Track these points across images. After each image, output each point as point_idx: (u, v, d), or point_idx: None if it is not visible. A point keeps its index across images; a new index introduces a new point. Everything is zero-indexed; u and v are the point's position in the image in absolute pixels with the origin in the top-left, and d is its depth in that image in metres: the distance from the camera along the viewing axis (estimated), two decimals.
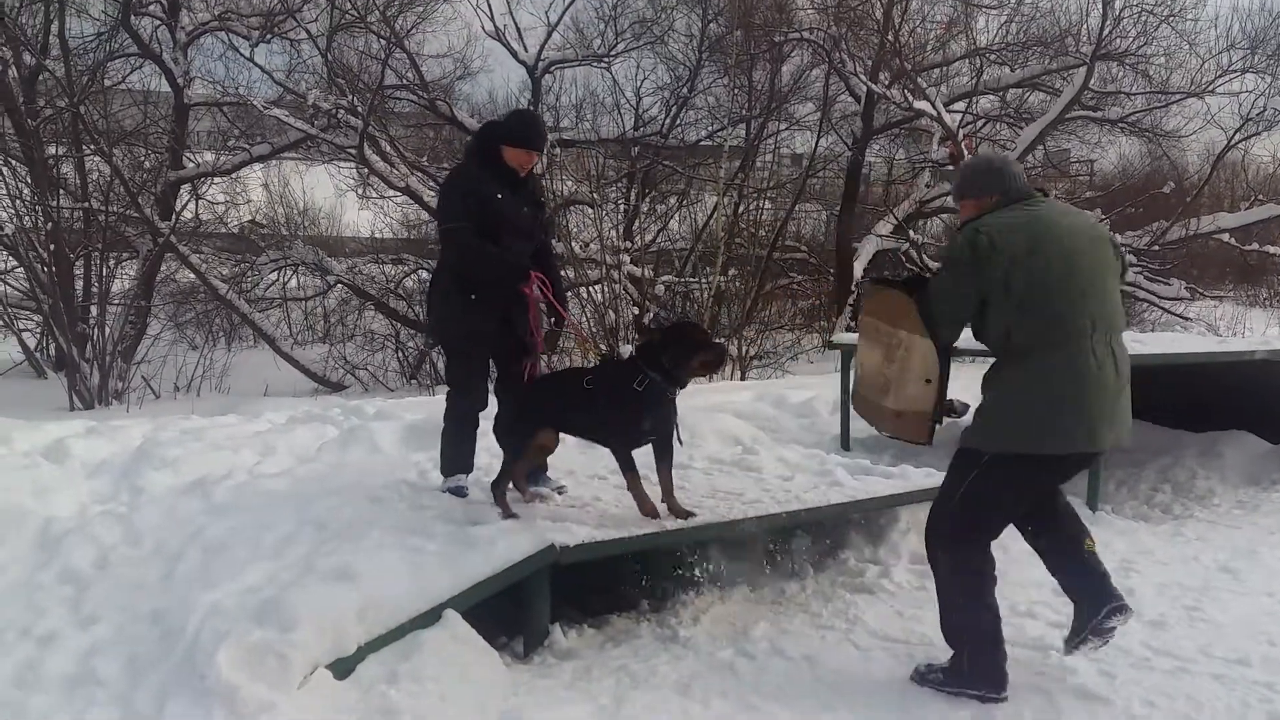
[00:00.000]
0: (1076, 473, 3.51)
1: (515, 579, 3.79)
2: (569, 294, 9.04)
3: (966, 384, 3.73)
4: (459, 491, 4.56)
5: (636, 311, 14.08)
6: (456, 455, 4.66)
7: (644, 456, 4.26)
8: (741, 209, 16.25)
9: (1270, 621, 4.22)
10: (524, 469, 4.47)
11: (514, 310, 4.46)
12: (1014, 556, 4.94)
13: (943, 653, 3.71)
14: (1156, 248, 15.75)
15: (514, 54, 17.11)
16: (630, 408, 4.08)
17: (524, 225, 4.51)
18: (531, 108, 16.73)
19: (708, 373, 4.31)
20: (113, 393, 12.46)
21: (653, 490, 4.23)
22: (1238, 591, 4.62)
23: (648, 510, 4.13)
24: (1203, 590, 4.62)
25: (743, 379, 13.49)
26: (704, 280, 14.30)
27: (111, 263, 14.04)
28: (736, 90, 17.16)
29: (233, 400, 11.46)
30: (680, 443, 4.33)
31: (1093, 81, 15.11)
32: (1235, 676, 3.64)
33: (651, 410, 4.10)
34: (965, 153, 15.25)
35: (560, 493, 4.63)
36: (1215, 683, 3.59)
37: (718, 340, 4.28)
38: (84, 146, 13.77)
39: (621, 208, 16.82)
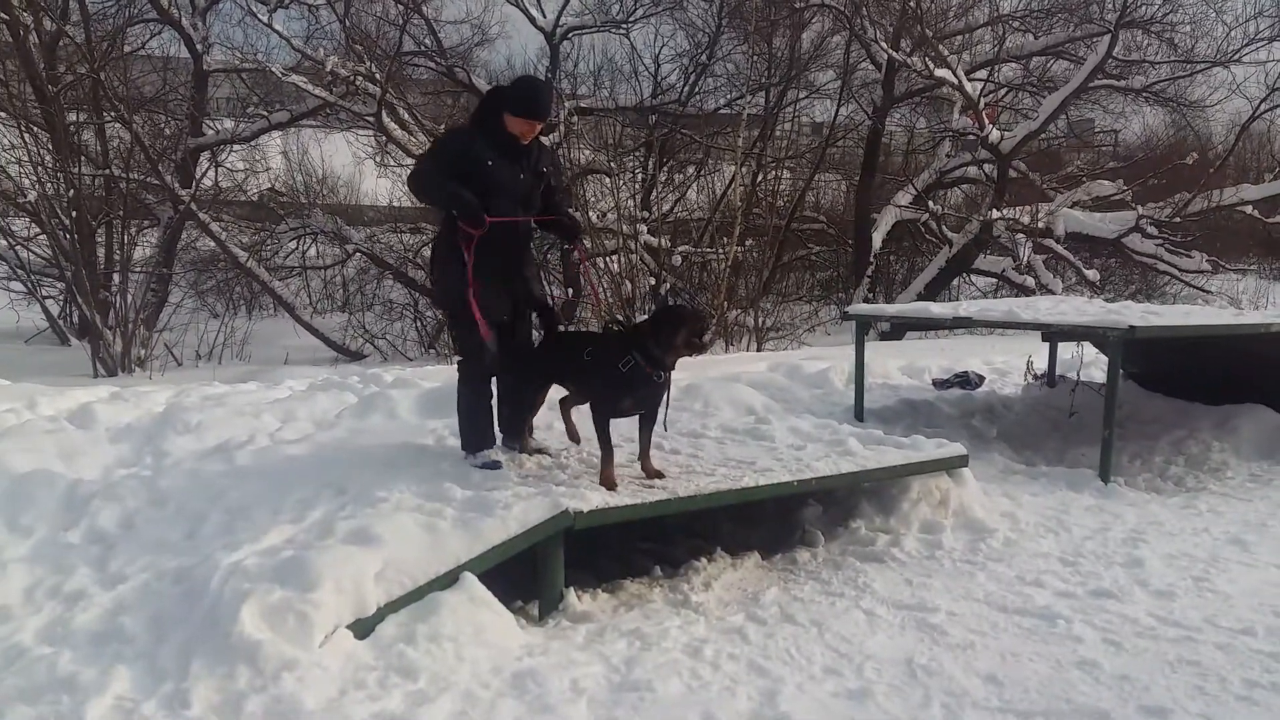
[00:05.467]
0: None
1: (531, 543, 3.86)
2: (586, 264, 9.09)
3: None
4: (493, 466, 4.58)
5: (653, 282, 14.08)
6: (477, 429, 4.67)
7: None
8: (760, 178, 16.19)
9: (1277, 593, 4.24)
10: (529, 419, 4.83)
11: (513, 273, 4.58)
12: (1023, 528, 5.03)
13: (949, 621, 3.81)
14: (1178, 220, 15.59)
15: (532, 20, 17.05)
16: (614, 385, 4.33)
17: (519, 191, 4.52)
18: (549, 75, 16.66)
19: (694, 352, 4.44)
20: (135, 360, 12.59)
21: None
22: (1246, 563, 4.64)
23: (608, 482, 4.30)
24: (1211, 561, 4.64)
25: (759, 350, 13.51)
26: (721, 251, 14.28)
27: (133, 230, 14.16)
28: (756, 57, 17.03)
29: (253, 368, 11.61)
30: (664, 428, 4.65)
31: (1116, 49, 14.93)
32: (1240, 646, 3.67)
33: (635, 390, 4.34)
34: (986, 122, 15.13)
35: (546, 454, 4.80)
36: (1220, 652, 3.62)
37: (700, 311, 4.48)
38: (104, 113, 13.84)
39: (639, 177, 16.78)
